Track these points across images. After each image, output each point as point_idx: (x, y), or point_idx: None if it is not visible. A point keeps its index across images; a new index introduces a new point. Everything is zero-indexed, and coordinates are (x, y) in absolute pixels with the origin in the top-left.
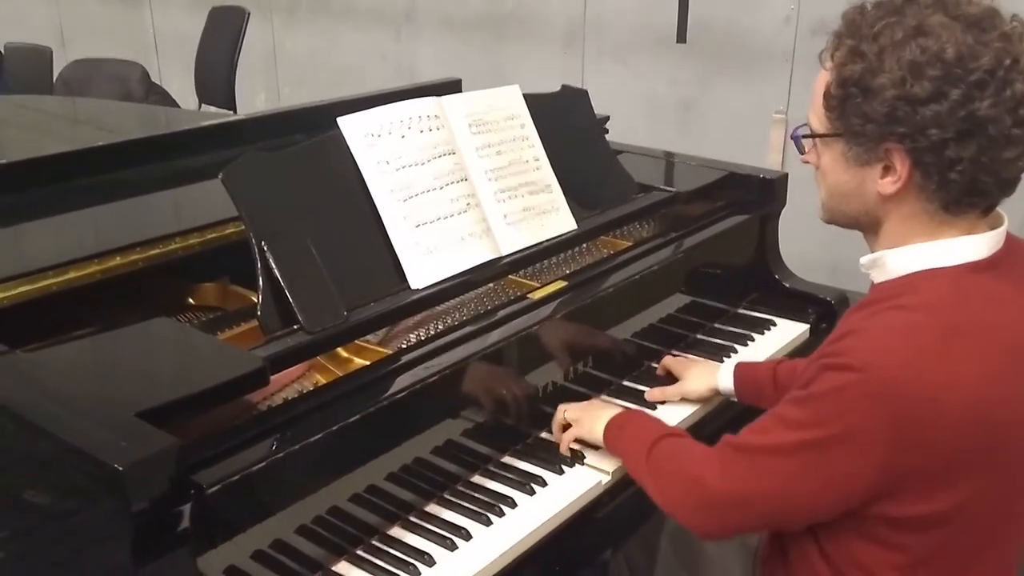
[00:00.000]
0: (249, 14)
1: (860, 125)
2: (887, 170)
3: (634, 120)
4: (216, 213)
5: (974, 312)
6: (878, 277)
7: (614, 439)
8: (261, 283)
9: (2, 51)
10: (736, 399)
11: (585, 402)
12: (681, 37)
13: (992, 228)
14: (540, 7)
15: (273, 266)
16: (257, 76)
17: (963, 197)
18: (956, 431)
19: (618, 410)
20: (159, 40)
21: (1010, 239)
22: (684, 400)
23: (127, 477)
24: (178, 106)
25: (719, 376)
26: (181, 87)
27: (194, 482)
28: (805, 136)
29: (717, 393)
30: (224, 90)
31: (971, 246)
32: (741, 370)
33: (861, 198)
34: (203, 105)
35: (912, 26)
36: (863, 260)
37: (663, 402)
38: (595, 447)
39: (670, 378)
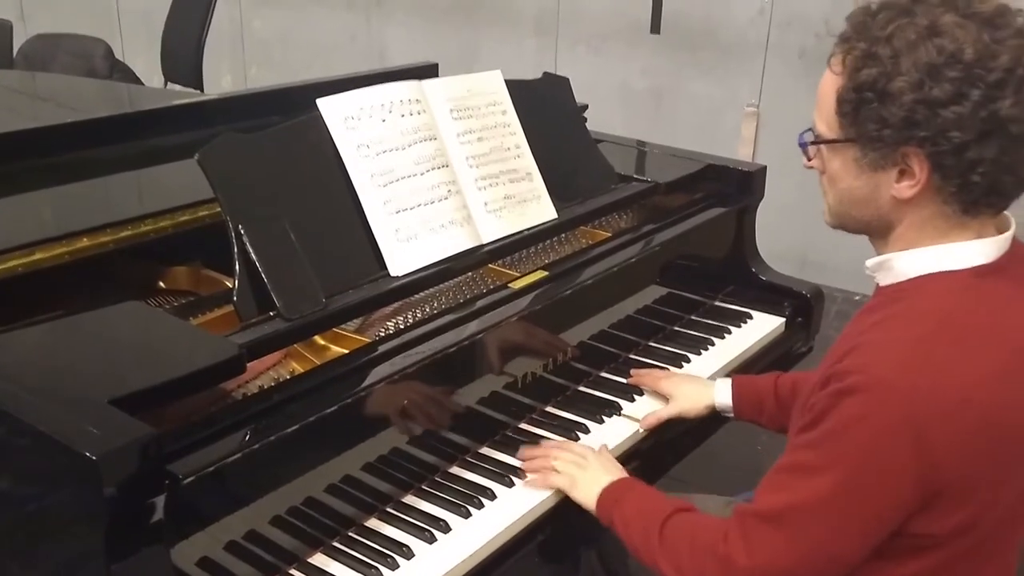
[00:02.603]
0: None
1: (876, 130)
2: (903, 174)
3: (607, 109)
4: (189, 195)
5: (984, 317)
6: (884, 280)
7: (610, 510)
8: (237, 268)
9: None
10: (732, 415)
11: (576, 453)
12: (655, 28)
13: (1000, 231)
14: None
15: (250, 250)
16: (223, 56)
17: (983, 198)
18: (977, 442)
19: (611, 476)
20: (122, 17)
21: (1017, 244)
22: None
23: (102, 467)
24: (143, 84)
25: (715, 392)
26: (146, 65)
27: (170, 472)
28: (814, 143)
29: (713, 410)
30: (191, 69)
31: (981, 250)
32: (740, 385)
33: (875, 203)
34: (169, 84)
35: (925, 26)
36: (869, 263)
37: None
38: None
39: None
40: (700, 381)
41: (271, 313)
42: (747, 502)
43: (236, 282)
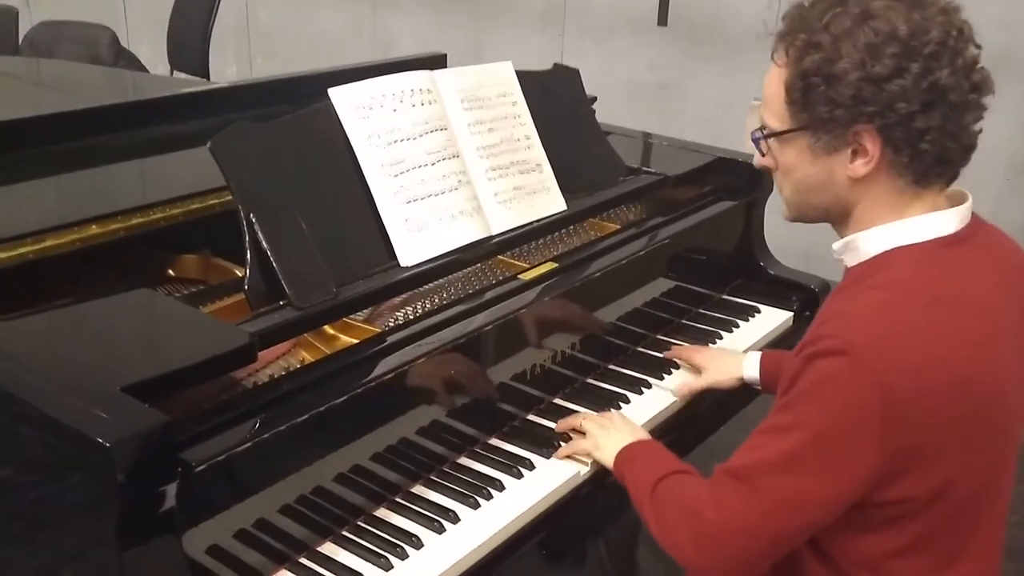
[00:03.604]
0: None
1: (828, 112)
2: (856, 153)
3: (613, 102)
4: (199, 183)
5: (948, 284)
6: (851, 260)
7: (623, 469)
8: (249, 256)
9: None
10: (760, 388)
11: (603, 417)
12: (662, 20)
13: (955, 205)
14: None
15: (261, 239)
16: (229, 46)
17: (933, 167)
18: (945, 403)
19: (632, 438)
20: (128, 4)
21: (976, 219)
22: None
23: (115, 453)
24: (148, 73)
25: (745, 365)
26: (151, 54)
27: (183, 460)
28: (768, 135)
29: (743, 382)
30: (197, 58)
31: (939, 221)
32: (766, 359)
33: (831, 187)
34: (175, 73)
35: (858, 12)
36: (835, 246)
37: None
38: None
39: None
40: (732, 354)
41: (282, 302)
42: None
43: (247, 270)
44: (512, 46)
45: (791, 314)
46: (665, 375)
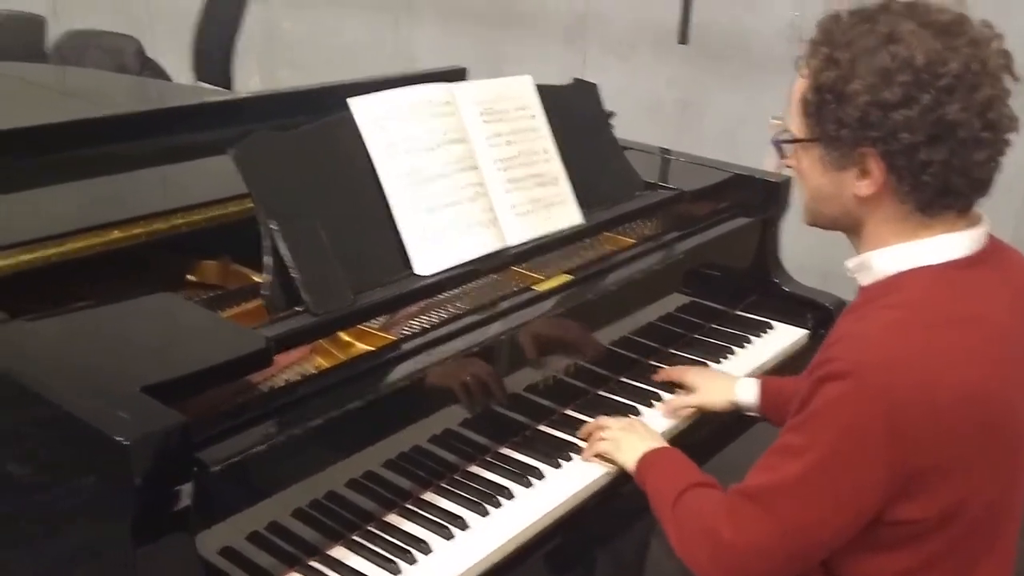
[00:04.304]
0: None
1: (835, 130)
2: (863, 173)
3: (633, 118)
4: (219, 190)
5: (960, 305)
6: (864, 280)
7: (644, 474)
8: (268, 262)
9: None
10: (758, 414)
11: (625, 421)
12: (683, 38)
13: (970, 227)
14: (543, 1)
15: (280, 246)
16: (252, 56)
17: (936, 199)
18: (956, 424)
19: (654, 443)
20: (153, 15)
21: (994, 241)
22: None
23: (133, 452)
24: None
25: (737, 389)
26: (174, 64)
27: (199, 460)
28: (785, 141)
29: (735, 406)
30: (221, 69)
31: (952, 244)
32: (768, 386)
33: (840, 200)
34: (199, 84)
35: (884, 33)
36: (849, 263)
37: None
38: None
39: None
40: (724, 376)
41: (299, 308)
42: None
43: (265, 277)
44: (534, 61)
45: (806, 332)
46: (677, 388)
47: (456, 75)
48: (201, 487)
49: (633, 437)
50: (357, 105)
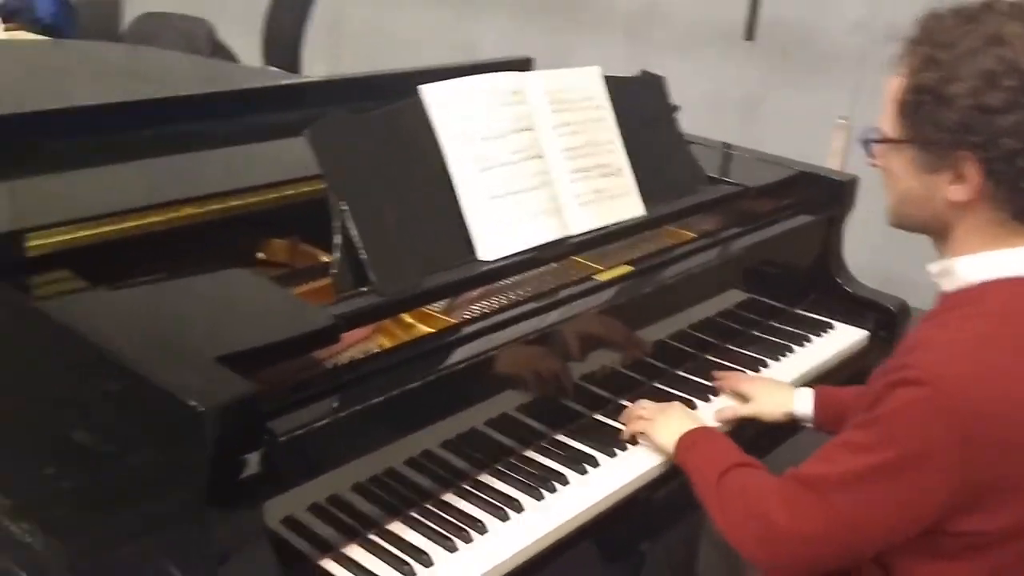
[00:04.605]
0: None
1: (933, 133)
2: (958, 178)
3: (694, 114)
4: (291, 171)
5: None
6: (947, 286)
7: (684, 453)
8: (337, 242)
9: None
10: (812, 425)
11: (664, 404)
12: (749, 34)
13: None
14: None
15: (350, 226)
16: (317, 43)
17: None
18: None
19: (694, 423)
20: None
21: None
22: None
23: (207, 419)
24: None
25: (795, 400)
26: (243, 47)
27: (269, 429)
28: (875, 140)
29: (791, 417)
30: (290, 55)
31: None
32: (822, 396)
33: (930, 204)
34: (267, 68)
35: (989, 34)
36: (932, 268)
37: None
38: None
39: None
40: (781, 385)
41: (365, 288)
42: None
43: (334, 256)
44: (595, 55)
45: (867, 333)
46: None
47: (522, 65)
48: (268, 457)
49: (671, 418)
50: (428, 91)
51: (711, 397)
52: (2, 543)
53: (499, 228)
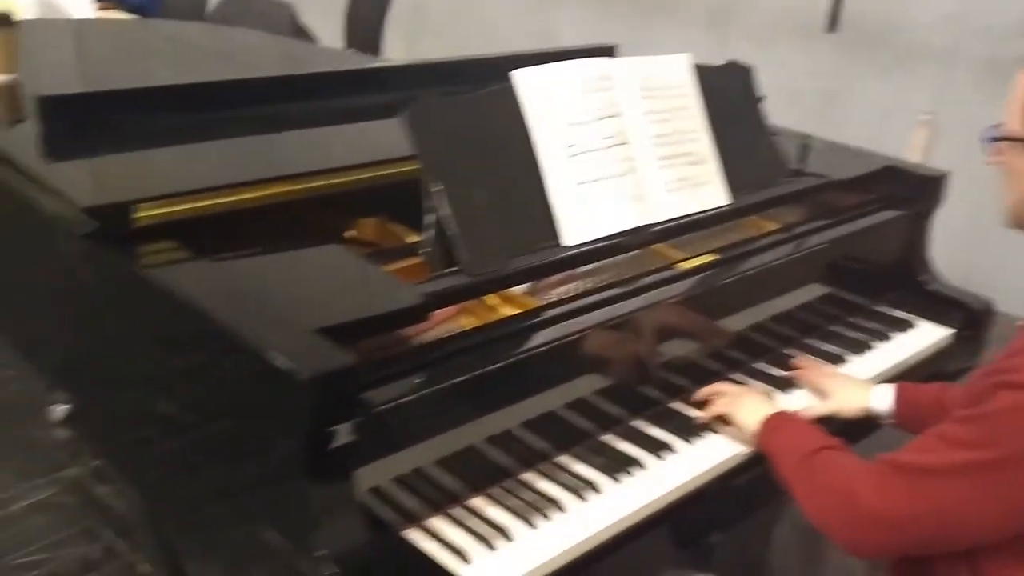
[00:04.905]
0: None
1: None
2: None
3: (773, 106)
4: (380, 152)
5: None
6: None
7: (768, 436)
8: (429, 222)
9: None
10: (893, 421)
11: (743, 387)
12: (832, 26)
13: None
14: None
15: (443, 207)
16: (397, 26)
17: None
18: None
19: (775, 407)
20: None
21: None
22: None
23: (309, 387)
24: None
25: (872, 396)
26: (321, 30)
27: (364, 401)
28: (1001, 139)
29: (870, 413)
30: (372, 38)
31: None
32: (904, 392)
33: None
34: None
35: None
36: None
37: None
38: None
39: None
40: (858, 382)
41: (454, 268)
42: None
43: (426, 235)
44: (674, 44)
45: (952, 331)
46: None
47: (606, 52)
48: (360, 427)
49: (753, 399)
50: (520, 76)
51: (789, 389)
52: (88, 505)
53: (584, 213)
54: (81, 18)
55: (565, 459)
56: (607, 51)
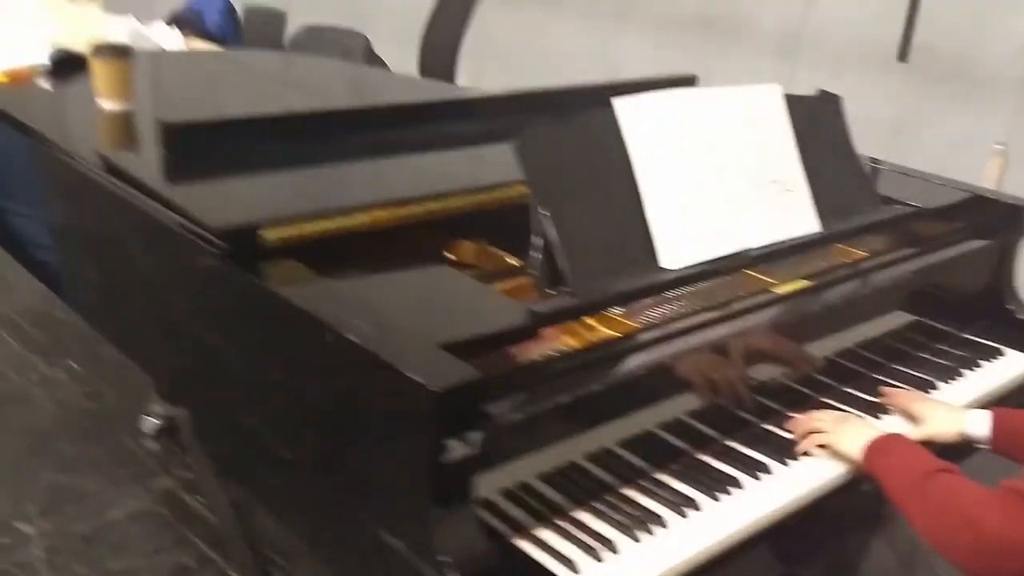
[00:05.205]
0: None
1: None
2: None
3: None
4: (484, 177)
5: None
6: None
7: (878, 457)
8: (538, 244)
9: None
10: (988, 447)
11: (838, 413)
12: (903, 55)
13: None
14: (757, 13)
15: (551, 230)
16: (465, 57)
17: None
18: None
19: (875, 431)
20: (378, 14)
21: None
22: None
23: (440, 400)
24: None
25: (968, 421)
26: (393, 60)
27: (487, 413)
28: None
29: (966, 438)
30: (447, 66)
31: None
32: (1002, 417)
33: None
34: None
35: None
36: None
37: None
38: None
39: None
40: (951, 407)
41: (560, 289)
42: None
43: (534, 257)
44: (742, 74)
45: None
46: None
47: (687, 82)
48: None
49: (855, 424)
50: (621, 105)
51: (880, 415)
52: (180, 514)
53: (682, 238)
54: (173, 50)
55: (664, 476)
56: (688, 81)
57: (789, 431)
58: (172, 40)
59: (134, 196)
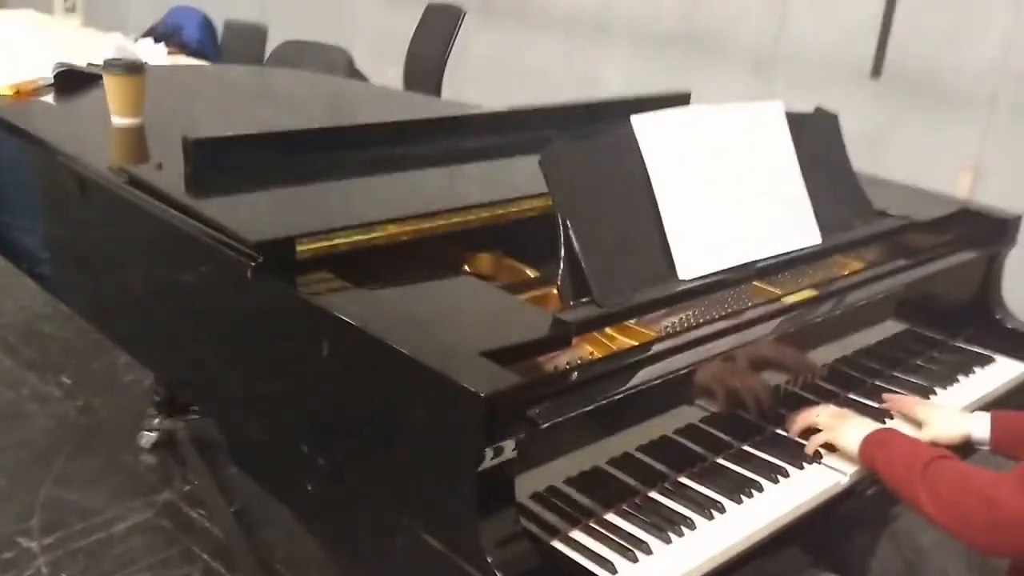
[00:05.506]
0: (465, 13)
1: None
2: None
3: None
4: (503, 191)
5: None
6: None
7: (873, 453)
8: (563, 256)
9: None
10: (988, 448)
11: (837, 409)
12: (876, 71)
13: None
14: (734, 30)
15: (575, 242)
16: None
17: None
18: None
19: (876, 425)
20: (357, 30)
21: None
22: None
23: (486, 404)
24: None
25: (972, 424)
26: (374, 76)
27: (529, 418)
28: None
29: (968, 440)
30: (432, 83)
31: None
32: (1000, 420)
33: None
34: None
35: None
36: None
37: None
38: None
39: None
40: (952, 411)
41: (585, 299)
42: None
43: (561, 269)
44: (720, 91)
45: None
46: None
47: (682, 99)
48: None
49: (849, 421)
50: (639, 121)
51: (884, 420)
52: (183, 527)
53: (697, 249)
54: (162, 64)
55: (687, 480)
56: (683, 99)
57: (790, 430)
58: (157, 56)
59: (163, 210)
